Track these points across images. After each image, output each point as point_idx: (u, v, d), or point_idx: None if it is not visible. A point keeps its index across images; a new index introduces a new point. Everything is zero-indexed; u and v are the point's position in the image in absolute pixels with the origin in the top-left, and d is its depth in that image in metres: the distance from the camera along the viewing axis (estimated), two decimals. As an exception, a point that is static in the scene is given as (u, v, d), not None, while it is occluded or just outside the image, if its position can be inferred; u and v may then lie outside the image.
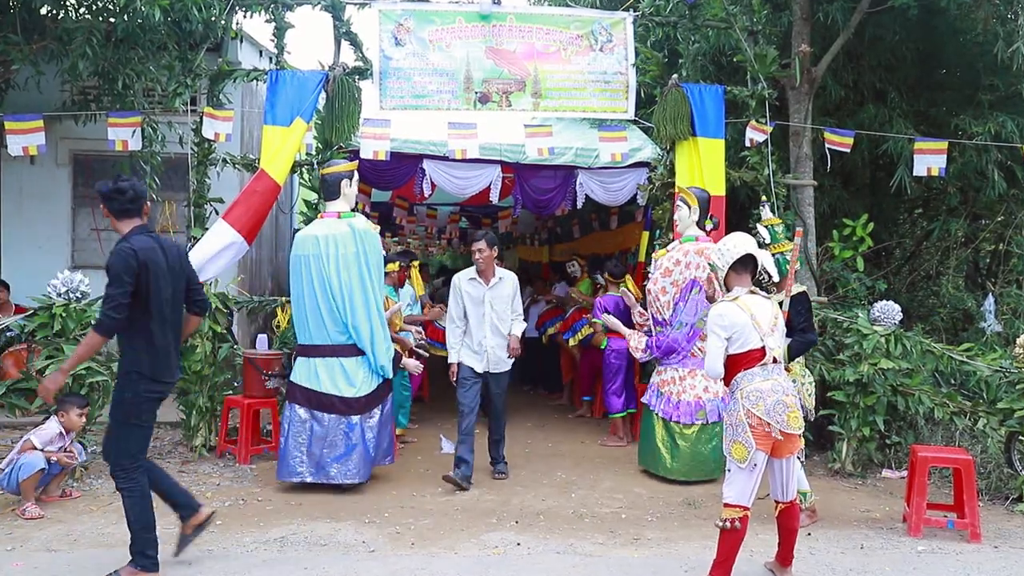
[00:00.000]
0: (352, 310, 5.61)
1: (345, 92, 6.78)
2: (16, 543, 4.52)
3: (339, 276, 5.61)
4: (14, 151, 6.49)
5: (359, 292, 5.63)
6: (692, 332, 6.07)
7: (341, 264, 5.63)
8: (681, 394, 6.10)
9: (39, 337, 5.59)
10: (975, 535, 4.91)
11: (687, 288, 6.09)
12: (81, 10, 6.94)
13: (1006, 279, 8.60)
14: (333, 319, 5.65)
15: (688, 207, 6.18)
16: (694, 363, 6.09)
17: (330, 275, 5.61)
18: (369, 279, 5.68)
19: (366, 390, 5.64)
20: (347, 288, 5.61)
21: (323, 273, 5.63)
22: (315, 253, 5.66)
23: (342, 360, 5.65)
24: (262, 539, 4.68)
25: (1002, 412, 5.78)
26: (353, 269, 5.63)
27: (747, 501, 3.94)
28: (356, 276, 5.64)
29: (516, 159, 7.64)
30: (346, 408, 5.60)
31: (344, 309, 5.62)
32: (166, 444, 6.89)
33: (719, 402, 5.96)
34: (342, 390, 5.61)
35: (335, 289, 5.61)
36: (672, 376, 6.17)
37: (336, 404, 5.60)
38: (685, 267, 6.08)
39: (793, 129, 7.49)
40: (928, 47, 8.08)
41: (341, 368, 5.64)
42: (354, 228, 5.69)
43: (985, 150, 7.45)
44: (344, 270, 5.62)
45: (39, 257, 9.03)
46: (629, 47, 7.34)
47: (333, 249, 5.63)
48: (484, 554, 4.55)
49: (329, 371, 5.64)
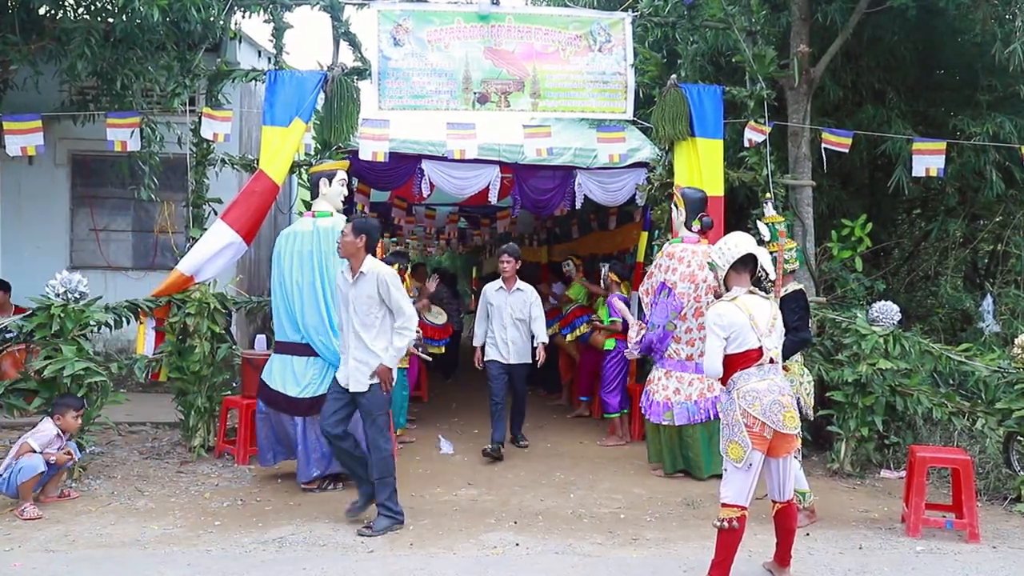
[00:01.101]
0: (302, 307, 5.64)
1: (344, 92, 6.79)
2: (15, 544, 4.52)
3: (291, 273, 5.67)
4: (12, 151, 6.49)
5: (308, 290, 5.62)
6: (664, 334, 6.19)
7: (295, 261, 5.67)
8: (654, 393, 6.28)
9: (37, 337, 5.58)
10: (973, 535, 4.91)
11: (657, 290, 6.24)
12: (80, 10, 6.93)
13: (1004, 279, 8.59)
14: (288, 316, 5.72)
15: (675, 208, 6.26)
16: (671, 364, 6.24)
17: (284, 272, 5.71)
18: (321, 278, 5.63)
19: (311, 392, 5.60)
20: (297, 286, 5.65)
21: (280, 270, 5.75)
22: (277, 251, 5.79)
23: (294, 359, 5.69)
24: (261, 539, 4.68)
25: (1000, 412, 5.77)
26: (306, 266, 5.64)
27: (744, 501, 3.94)
28: (308, 273, 5.64)
29: (515, 159, 7.65)
30: (289, 407, 5.61)
31: (293, 306, 5.67)
32: (164, 444, 6.90)
33: (690, 405, 6.11)
34: (287, 388, 5.63)
35: (287, 285, 5.70)
36: (654, 375, 6.36)
37: (280, 402, 5.63)
38: (662, 270, 6.22)
39: (792, 129, 7.49)
40: (927, 48, 8.08)
41: (292, 367, 5.68)
42: (316, 227, 5.71)
43: (983, 150, 7.45)
44: (297, 268, 5.66)
45: (37, 257, 9.03)
46: (628, 47, 7.34)
47: (289, 246, 5.71)
48: (483, 554, 4.55)
49: (281, 368, 5.69)
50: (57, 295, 5.64)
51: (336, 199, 5.90)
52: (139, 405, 7.96)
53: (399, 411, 7.02)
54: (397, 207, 10.28)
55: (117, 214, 9.50)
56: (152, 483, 5.78)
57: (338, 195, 5.91)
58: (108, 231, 9.49)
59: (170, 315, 6.45)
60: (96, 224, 9.45)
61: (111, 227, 9.49)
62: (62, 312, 5.57)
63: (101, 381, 5.67)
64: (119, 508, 5.21)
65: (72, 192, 9.40)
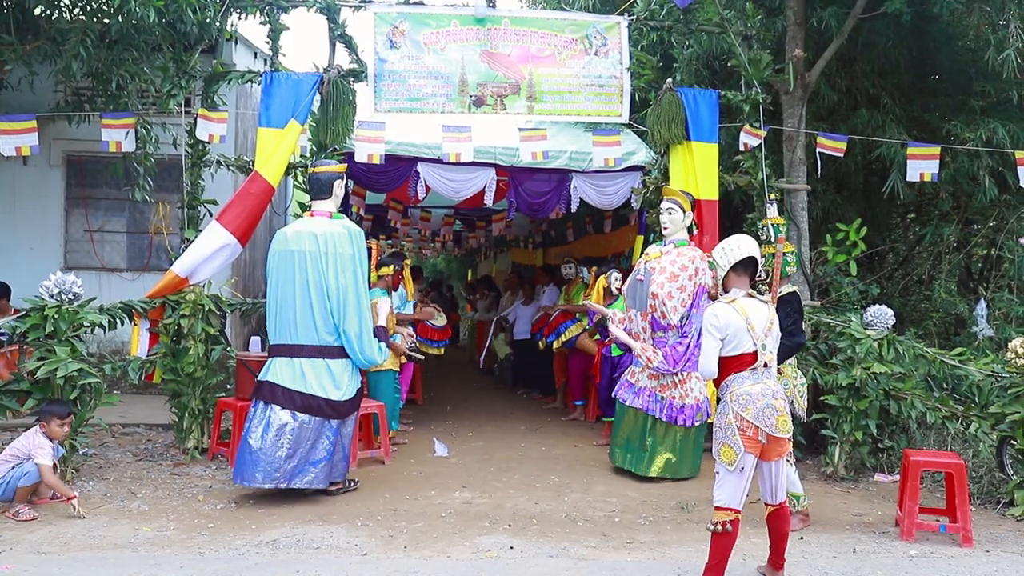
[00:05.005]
0: (345, 310, 5.49)
1: (340, 94, 6.79)
2: (6, 545, 4.49)
3: (336, 276, 5.45)
4: (7, 151, 6.46)
5: (352, 293, 5.47)
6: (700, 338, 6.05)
7: (338, 264, 5.45)
8: (683, 397, 6.16)
9: (31, 338, 5.56)
10: (967, 539, 4.92)
11: (698, 294, 6.05)
12: (75, 11, 6.92)
13: (998, 284, 8.63)
14: (324, 319, 5.53)
15: (683, 211, 6.15)
16: (692, 366, 6.10)
17: (325, 275, 5.46)
18: (363, 280, 5.57)
19: (350, 394, 5.52)
20: (342, 289, 5.47)
21: (320, 272, 5.45)
22: (312, 251, 5.46)
23: (328, 362, 5.50)
24: (254, 542, 4.67)
25: (994, 416, 5.79)
26: (348, 270, 5.49)
27: (738, 504, 3.94)
28: (351, 277, 5.50)
29: (510, 162, 7.66)
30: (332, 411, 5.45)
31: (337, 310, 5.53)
32: (158, 446, 6.88)
33: None
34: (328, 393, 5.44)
35: (331, 289, 5.46)
36: (673, 380, 6.19)
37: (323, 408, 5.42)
38: (695, 272, 6.03)
39: (787, 134, 7.52)
40: (921, 53, 8.12)
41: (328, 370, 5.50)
42: (348, 229, 5.55)
43: (977, 155, 7.48)
44: (341, 271, 5.45)
45: (31, 258, 9.01)
46: (624, 51, 7.36)
47: (332, 248, 5.46)
48: (477, 557, 4.54)
49: (315, 373, 5.47)
50: (51, 296, 5.62)
51: (338, 201, 5.87)
52: (132, 407, 7.94)
53: (391, 414, 7.01)
54: (393, 209, 10.29)
55: (112, 215, 9.48)
56: (145, 485, 5.76)
57: (339, 197, 5.88)
58: (102, 232, 9.47)
59: (164, 316, 6.43)
60: (90, 225, 9.43)
61: (105, 228, 9.47)
62: (56, 313, 5.56)
63: (94, 382, 5.64)
64: (112, 510, 5.19)
65: (67, 193, 9.39)
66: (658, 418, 6.20)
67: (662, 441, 6.22)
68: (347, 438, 5.63)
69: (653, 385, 6.24)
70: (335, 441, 5.50)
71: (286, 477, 5.32)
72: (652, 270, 6.15)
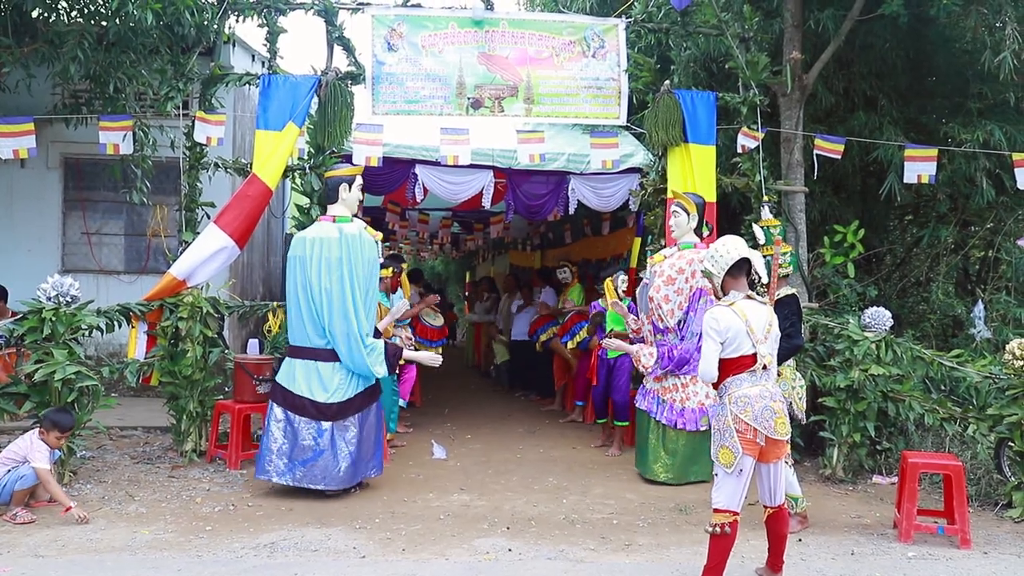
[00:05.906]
0: (329, 314, 5.56)
1: (338, 97, 6.79)
2: (4, 548, 4.49)
3: (319, 279, 5.57)
4: (4, 154, 6.46)
5: (337, 297, 5.54)
6: (699, 341, 6.03)
7: (323, 267, 5.57)
8: (684, 401, 6.14)
9: (28, 341, 5.56)
10: (965, 541, 4.92)
11: (695, 297, 6.05)
12: (73, 13, 6.91)
13: (995, 285, 8.64)
14: (312, 322, 5.63)
15: (687, 213, 6.13)
16: (693, 369, 6.07)
17: (310, 278, 5.59)
18: (351, 285, 5.58)
19: (339, 397, 5.58)
20: (326, 292, 5.56)
21: (306, 275, 5.61)
22: (300, 255, 5.65)
23: (319, 364, 5.64)
24: (252, 544, 4.66)
25: (992, 418, 5.79)
26: (335, 273, 5.56)
27: (736, 506, 3.94)
28: (336, 281, 5.56)
29: (508, 164, 7.65)
30: (316, 413, 5.57)
31: (322, 312, 5.59)
32: (155, 449, 6.87)
33: None
34: (314, 394, 5.58)
35: (314, 292, 5.58)
36: (675, 383, 6.19)
37: (307, 407, 5.58)
38: (691, 276, 6.02)
39: (784, 136, 7.52)
40: (918, 55, 8.13)
41: (317, 372, 5.62)
42: (342, 233, 5.63)
43: (974, 157, 7.49)
44: (325, 274, 5.56)
45: (29, 260, 9.00)
46: (621, 53, 7.37)
47: (317, 251, 5.59)
48: (475, 560, 4.54)
49: (306, 373, 5.63)
50: (49, 298, 5.62)
51: (354, 204, 5.87)
52: (130, 409, 7.94)
53: (389, 416, 7.00)
54: (391, 211, 10.29)
55: (109, 217, 9.47)
56: (143, 488, 5.75)
57: (356, 200, 5.88)
58: (100, 234, 9.46)
59: (162, 319, 6.43)
60: (88, 227, 9.42)
61: (103, 230, 9.46)
62: (53, 316, 5.56)
63: (92, 385, 5.64)
64: (110, 513, 5.18)
65: (64, 195, 9.38)
66: (658, 420, 6.20)
67: (661, 444, 6.22)
68: (348, 442, 5.59)
69: (657, 387, 6.26)
70: (325, 443, 5.54)
71: (280, 473, 5.58)
72: (654, 274, 6.19)
